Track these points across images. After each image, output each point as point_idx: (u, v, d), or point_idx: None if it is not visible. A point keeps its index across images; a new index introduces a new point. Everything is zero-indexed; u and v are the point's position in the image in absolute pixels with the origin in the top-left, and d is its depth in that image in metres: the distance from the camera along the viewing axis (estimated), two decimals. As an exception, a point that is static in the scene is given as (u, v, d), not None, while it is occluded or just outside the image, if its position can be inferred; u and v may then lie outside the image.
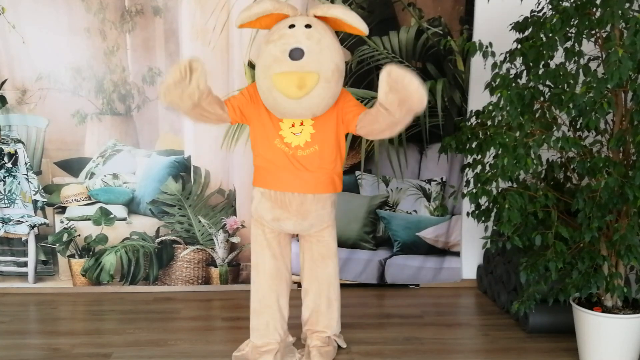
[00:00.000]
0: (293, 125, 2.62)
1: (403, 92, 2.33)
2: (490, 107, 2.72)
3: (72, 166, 3.72)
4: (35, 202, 3.71)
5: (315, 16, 2.56)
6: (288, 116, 2.59)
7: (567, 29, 2.53)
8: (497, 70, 2.73)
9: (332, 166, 2.69)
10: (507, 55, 2.76)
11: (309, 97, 2.47)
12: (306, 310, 2.92)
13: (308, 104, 2.49)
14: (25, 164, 3.67)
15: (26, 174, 3.67)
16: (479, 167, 2.85)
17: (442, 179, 3.85)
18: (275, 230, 2.76)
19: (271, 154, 2.64)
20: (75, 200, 3.74)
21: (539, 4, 2.78)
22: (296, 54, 2.44)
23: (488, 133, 2.80)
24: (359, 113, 2.62)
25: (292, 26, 2.50)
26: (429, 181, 3.85)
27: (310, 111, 2.54)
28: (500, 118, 2.74)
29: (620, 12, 2.37)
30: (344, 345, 3.00)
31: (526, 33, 2.78)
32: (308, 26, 2.50)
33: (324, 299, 2.87)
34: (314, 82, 2.44)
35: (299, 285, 3.25)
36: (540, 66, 2.60)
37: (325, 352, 2.85)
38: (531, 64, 2.63)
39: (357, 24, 2.54)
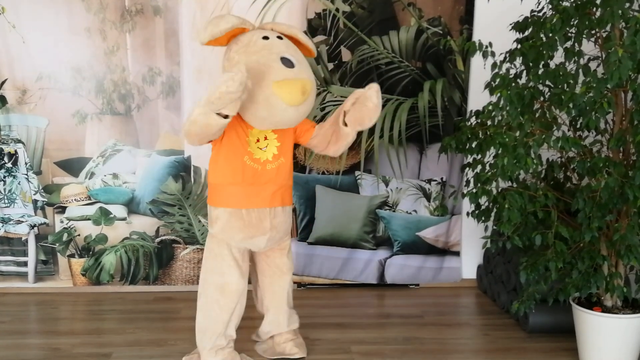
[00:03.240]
0: (258, 141, 2.62)
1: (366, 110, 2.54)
2: (490, 107, 2.72)
3: (72, 166, 3.72)
4: (35, 201, 3.71)
5: (273, 30, 2.57)
6: (280, 125, 2.57)
7: (567, 28, 2.53)
8: (497, 70, 2.73)
9: (291, 179, 2.76)
10: (507, 55, 2.76)
11: (306, 103, 2.48)
12: (268, 325, 2.91)
13: (305, 109, 2.51)
14: (25, 163, 3.67)
15: (26, 174, 3.67)
16: (479, 167, 2.85)
17: (442, 178, 3.85)
18: (241, 248, 2.71)
19: (240, 171, 2.61)
20: (75, 200, 3.74)
21: (539, 3, 2.78)
22: (288, 63, 2.44)
23: (488, 133, 2.80)
24: (314, 126, 2.73)
25: (266, 38, 2.50)
26: (429, 181, 3.85)
27: (302, 117, 2.56)
28: (500, 118, 2.74)
29: (620, 11, 2.37)
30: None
31: (526, 33, 2.78)
32: (279, 37, 2.53)
33: (283, 313, 2.89)
34: (311, 88, 2.48)
35: (299, 285, 3.27)
36: (540, 66, 2.60)
37: (300, 343, 2.90)
38: (531, 64, 2.63)
39: (310, 47, 2.64)
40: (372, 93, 2.51)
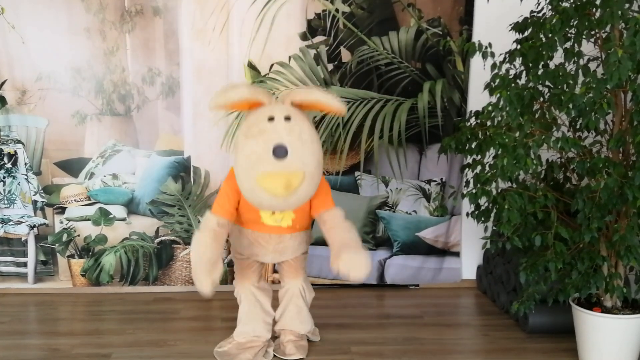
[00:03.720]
0: (274, 213, 2.70)
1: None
2: (490, 108, 2.72)
3: (71, 166, 3.72)
4: (34, 202, 3.71)
5: (292, 102, 2.57)
6: (276, 210, 2.68)
7: (567, 29, 2.53)
8: (496, 71, 2.73)
9: (309, 224, 2.92)
10: (507, 55, 2.76)
11: (295, 195, 2.50)
12: (279, 312, 3.02)
13: (294, 200, 2.53)
14: (25, 164, 3.66)
15: (26, 175, 3.67)
16: (479, 167, 2.85)
17: (441, 179, 3.85)
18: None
19: (255, 227, 2.79)
20: (74, 200, 3.74)
21: (539, 4, 2.78)
22: (280, 153, 2.44)
23: (488, 133, 2.80)
24: (325, 208, 2.74)
25: (271, 119, 2.50)
26: (429, 181, 3.85)
27: (296, 206, 2.61)
28: (499, 118, 2.74)
29: (619, 12, 2.37)
30: (317, 339, 3.10)
31: (526, 33, 2.78)
32: (287, 118, 2.51)
33: (293, 305, 2.98)
34: (300, 181, 2.47)
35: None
36: (540, 67, 2.60)
37: (301, 345, 2.95)
38: (531, 65, 2.63)
39: (336, 106, 2.57)
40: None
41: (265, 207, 2.60)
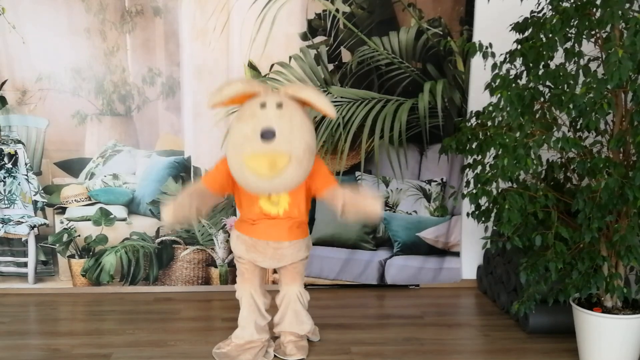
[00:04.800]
0: (270, 197, 2.74)
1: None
2: (490, 108, 2.72)
3: (72, 167, 3.72)
4: (35, 202, 3.71)
5: (286, 94, 2.61)
6: (260, 193, 2.70)
7: (567, 29, 2.53)
8: (497, 71, 2.73)
9: (306, 216, 2.88)
10: (507, 55, 2.76)
11: (280, 177, 2.54)
12: (278, 316, 3.02)
13: (279, 183, 2.58)
14: (25, 164, 3.67)
15: (26, 175, 3.67)
16: (479, 167, 2.85)
17: (442, 179, 3.85)
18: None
19: (254, 216, 2.80)
20: (75, 200, 3.74)
21: (539, 4, 2.78)
22: (267, 135, 2.49)
23: (488, 134, 2.80)
24: (327, 188, 2.77)
25: (263, 105, 2.54)
26: (429, 182, 3.85)
27: (283, 189, 2.65)
28: (500, 119, 2.74)
29: (620, 12, 2.37)
30: (317, 339, 3.11)
31: (526, 34, 2.78)
32: (279, 105, 2.55)
33: (291, 310, 2.98)
34: (285, 162, 2.51)
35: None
36: (540, 67, 2.60)
37: (301, 346, 2.96)
38: (531, 65, 2.63)
39: (326, 109, 2.61)
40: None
41: (253, 188, 2.63)
